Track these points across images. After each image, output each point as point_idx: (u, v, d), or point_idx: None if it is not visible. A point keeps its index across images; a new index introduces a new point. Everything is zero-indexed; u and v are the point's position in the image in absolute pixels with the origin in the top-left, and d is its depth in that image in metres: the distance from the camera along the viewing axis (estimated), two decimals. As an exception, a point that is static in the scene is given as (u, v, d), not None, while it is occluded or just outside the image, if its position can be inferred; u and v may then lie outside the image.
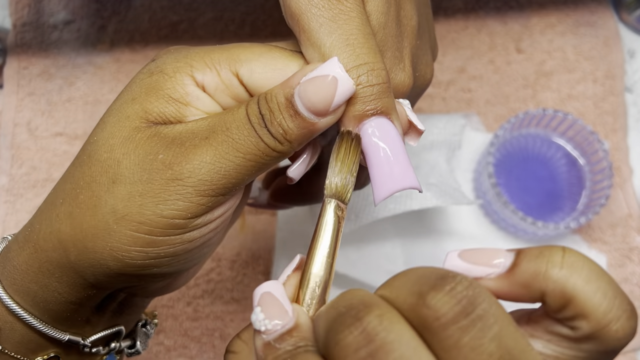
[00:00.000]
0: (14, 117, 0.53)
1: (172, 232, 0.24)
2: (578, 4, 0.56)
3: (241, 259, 0.49)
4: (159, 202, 0.23)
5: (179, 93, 0.25)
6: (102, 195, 0.24)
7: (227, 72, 0.25)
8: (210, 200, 0.24)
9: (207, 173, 0.23)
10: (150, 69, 0.26)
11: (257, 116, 0.24)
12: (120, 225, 0.24)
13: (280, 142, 0.24)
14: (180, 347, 0.47)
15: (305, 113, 0.23)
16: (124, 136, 0.24)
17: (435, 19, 0.55)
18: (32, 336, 0.27)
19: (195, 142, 0.24)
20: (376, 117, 0.24)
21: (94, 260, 0.24)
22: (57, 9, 0.56)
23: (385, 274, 0.45)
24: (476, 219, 0.49)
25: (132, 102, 0.25)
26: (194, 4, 0.56)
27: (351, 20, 0.24)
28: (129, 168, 0.24)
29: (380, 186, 0.24)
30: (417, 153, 0.44)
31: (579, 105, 0.53)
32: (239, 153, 0.23)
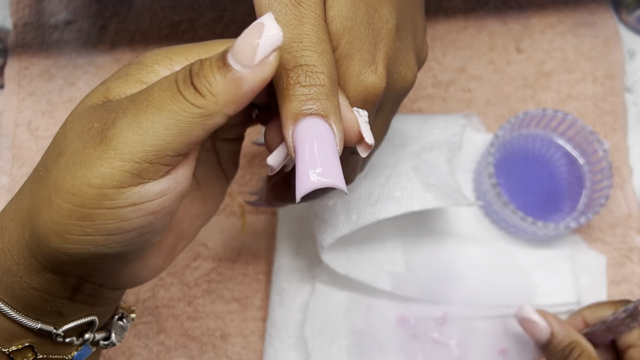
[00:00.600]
0: (15, 117, 0.53)
1: (103, 203, 0.24)
2: (578, 4, 0.56)
3: (242, 259, 0.49)
4: (86, 171, 0.23)
5: (150, 79, 0.25)
6: (51, 167, 0.24)
7: None
8: (134, 166, 0.23)
9: (126, 134, 0.23)
10: (131, 62, 0.26)
11: (184, 73, 0.24)
12: (58, 197, 0.24)
13: (202, 95, 0.23)
14: (180, 346, 0.47)
15: (232, 63, 0.23)
16: (78, 112, 0.25)
17: (435, 19, 0.56)
18: (6, 324, 0.27)
19: (123, 105, 0.24)
20: (312, 117, 0.24)
21: (39, 236, 0.24)
22: (58, 9, 0.56)
23: (385, 274, 0.46)
24: (476, 219, 0.49)
25: (101, 85, 0.26)
26: (195, 4, 0.56)
27: (302, 25, 0.25)
28: (70, 139, 0.24)
29: (301, 181, 0.24)
30: (418, 153, 0.44)
31: (578, 106, 0.53)
32: (155, 109, 0.23)
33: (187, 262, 0.49)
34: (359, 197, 0.41)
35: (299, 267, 0.47)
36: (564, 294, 0.46)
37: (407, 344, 0.45)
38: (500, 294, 0.46)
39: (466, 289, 0.46)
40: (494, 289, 0.46)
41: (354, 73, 0.27)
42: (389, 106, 0.30)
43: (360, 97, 0.27)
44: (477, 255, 0.48)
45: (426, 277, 0.46)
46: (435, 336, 0.46)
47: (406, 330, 0.46)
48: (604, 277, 0.48)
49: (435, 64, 0.54)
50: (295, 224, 0.48)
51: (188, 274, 0.49)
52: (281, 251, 0.47)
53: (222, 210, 0.50)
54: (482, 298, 0.46)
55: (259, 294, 0.48)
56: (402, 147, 0.44)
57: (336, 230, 0.41)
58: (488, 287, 0.46)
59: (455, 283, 0.46)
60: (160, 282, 0.49)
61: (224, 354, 0.47)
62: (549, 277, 0.47)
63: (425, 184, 0.42)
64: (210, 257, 0.49)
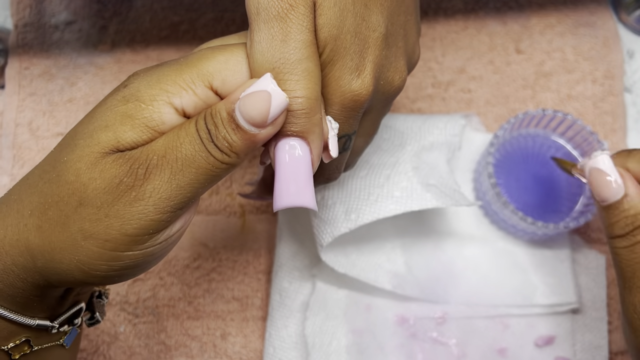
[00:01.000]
0: (16, 118, 0.54)
1: (135, 247, 0.26)
2: (577, 4, 0.56)
3: (242, 259, 0.49)
4: (124, 223, 0.25)
5: (156, 122, 0.26)
6: (71, 215, 0.26)
7: (202, 89, 0.26)
8: (169, 215, 0.26)
9: (165, 191, 0.25)
10: (125, 97, 0.27)
11: (204, 131, 0.26)
12: (88, 242, 0.26)
13: (227, 154, 0.26)
14: (181, 346, 0.47)
15: (245, 126, 0.25)
16: (90, 161, 0.26)
17: (435, 19, 0.56)
18: (3, 324, 0.29)
19: (153, 161, 0.25)
20: (292, 137, 0.27)
21: (60, 270, 0.27)
22: (59, 10, 0.57)
23: (385, 274, 0.46)
24: (476, 219, 0.49)
25: (106, 129, 0.26)
26: (195, 4, 0.56)
27: (285, 44, 0.26)
28: (94, 192, 0.25)
29: (277, 198, 0.27)
30: (418, 154, 0.44)
31: (578, 106, 0.53)
32: (192, 169, 0.26)
33: (187, 262, 0.49)
34: (358, 196, 0.41)
35: (299, 267, 0.47)
36: (564, 293, 0.46)
37: (406, 343, 0.45)
38: (500, 294, 0.46)
39: (465, 288, 0.46)
40: (493, 288, 0.46)
41: (335, 78, 0.28)
42: (378, 108, 0.32)
43: (340, 101, 0.28)
44: (477, 255, 0.48)
45: (426, 277, 0.46)
46: (435, 335, 0.46)
47: (405, 330, 0.46)
48: (604, 277, 0.48)
49: (435, 64, 0.54)
50: (295, 223, 0.48)
51: (188, 273, 0.49)
52: (281, 251, 0.48)
53: (222, 210, 0.51)
54: (481, 298, 0.46)
55: (259, 294, 0.48)
56: (402, 147, 0.44)
57: (335, 229, 0.41)
58: (487, 286, 0.47)
59: (454, 283, 0.47)
60: (160, 282, 0.49)
61: (224, 354, 0.47)
62: (548, 277, 0.47)
63: (424, 184, 0.42)
64: (210, 256, 0.49)
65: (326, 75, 0.28)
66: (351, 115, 0.29)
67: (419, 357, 0.45)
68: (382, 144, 0.44)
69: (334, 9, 0.27)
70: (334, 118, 0.29)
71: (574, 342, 0.46)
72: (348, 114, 0.29)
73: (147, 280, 0.49)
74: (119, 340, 0.48)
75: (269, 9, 0.26)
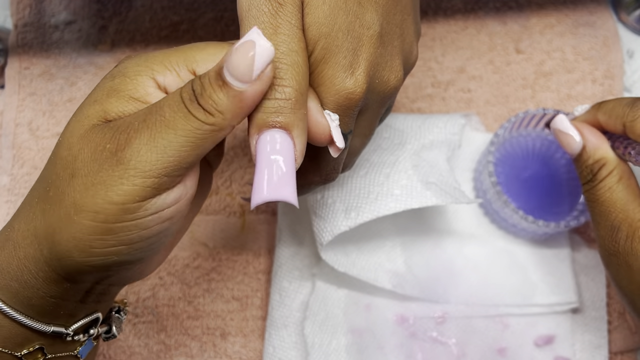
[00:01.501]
0: (15, 117, 0.54)
1: (125, 217, 0.26)
2: (577, 4, 0.56)
3: (242, 259, 0.49)
4: (108, 190, 0.25)
5: (140, 93, 0.27)
6: (65, 189, 0.26)
7: (186, 72, 0.27)
8: (155, 181, 0.25)
9: (145, 154, 0.25)
10: (113, 74, 0.28)
11: (189, 93, 0.25)
12: (80, 216, 0.26)
13: (211, 113, 0.25)
14: (181, 345, 0.47)
15: (231, 81, 0.25)
16: (80, 134, 0.26)
17: (435, 19, 0.56)
18: (19, 330, 0.28)
19: (134, 126, 0.25)
20: (275, 129, 0.26)
21: (61, 252, 0.26)
22: (58, 10, 0.57)
23: (385, 273, 0.46)
24: (476, 218, 0.49)
25: (94, 103, 0.27)
26: (195, 4, 0.56)
27: (276, 35, 0.26)
28: (83, 161, 0.26)
29: (256, 192, 0.26)
30: (417, 152, 0.44)
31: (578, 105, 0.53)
32: (170, 130, 0.25)
33: (187, 262, 0.49)
34: (358, 194, 0.41)
35: (299, 266, 0.47)
36: (563, 293, 0.46)
37: (406, 343, 0.45)
38: (500, 293, 0.46)
39: (466, 287, 0.46)
40: (493, 288, 0.46)
41: (328, 77, 0.28)
42: (373, 108, 0.31)
43: (333, 100, 0.28)
44: (477, 254, 0.48)
45: (426, 276, 0.46)
46: (435, 335, 0.46)
47: (405, 329, 0.46)
48: (604, 277, 0.48)
49: (435, 64, 0.55)
50: (295, 222, 0.48)
51: (188, 273, 0.49)
52: (281, 250, 0.48)
53: (222, 209, 0.51)
54: (481, 297, 0.46)
55: (258, 293, 0.48)
56: (402, 145, 0.44)
57: (335, 227, 0.41)
58: (487, 286, 0.47)
59: (454, 282, 0.47)
60: (160, 282, 0.49)
61: (224, 353, 0.47)
62: (548, 276, 0.47)
63: (424, 182, 0.42)
64: (210, 256, 0.49)
65: (319, 73, 0.28)
66: (346, 114, 0.29)
67: (418, 357, 0.45)
68: (381, 143, 0.44)
69: (323, 7, 0.27)
70: None
71: (574, 342, 0.46)
72: (343, 113, 0.29)
73: (146, 280, 0.49)
74: (118, 340, 0.48)
75: (259, 7, 0.26)
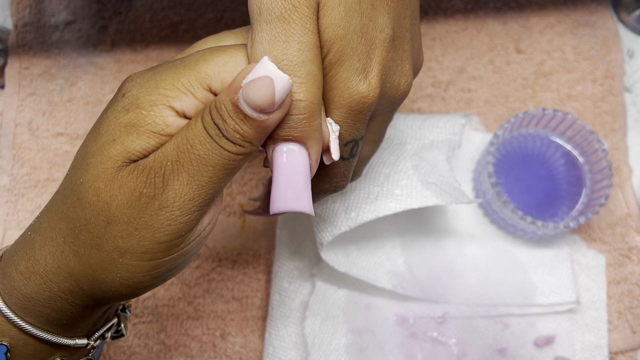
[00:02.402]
0: (15, 117, 0.54)
1: (172, 250, 0.27)
2: (577, 4, 0.56)
3: (242, 259, 0.49)
4: (155, 232, 0.26)
5: (160, 126, 0.26)
6: (102, 235, 0.26)
7: (202, 92, 0.26)
8: (197, 214, 0.26)
9: (187, 194, 0.25)
10: (125, 107, 0.26)
11: (213, 127, 0.25)
12: (125, 258, 0.26)
13: (241, 145, 0.25)
14: (181, 346, 0.47)
15: (253, 114, 0.25)
16: (107, 178, 0.26)
17: (435, 19, 0.56)
18: (43, 347, 0.29)
19: (168, 167, 0.25)
20: (290, 142, 0.26)
21: (106, 289, 0.27)
22: (58, 10, 0.57)
23: (385, 273, 0.46)
24: (475, 218, 0.49)
25: (113, 142, 0.26)
26: (195, 4, 0.56)
27: (288, 44, 0.25)
28: (118, 209, 0.26)
29: (274, 202, 0.27)
30: (417, 152, 0.44)
31: (578, 105, 0.53)
32: (209, 167, 0.25)
33: (187, 262, 0.49)
34: (358, 195, 0.41)
35: (299, 266, 0.47)
36: (563, 293, 0.46)
37: (406, 343, 0.45)
38: (500, 293, 0.46)
39: (465, 288, 0.46)
40: (493, 288, 0.46)
41: (342, 80, 0.27)
42: (383, 114, 0.31)
43: (347, 104, 0.28)
44: (477, 254, 0.48)
45: (426, 276, 0.46)
46: (435, 335, 0.46)
47: (405, 329, 0.46)
48: (604, 277, 0.48)
49: (435, 64, 0.54)
50: (295, 223, 0.48)
51: (188, 273, 0.49)
52: (281, 250, 0.48)
53: (222, 210, 0.51)
54: (481, 297, 0.46)
55: (258, 293, 0.48)
56: (402, 145, 0.44)
57: (335, 227, 0.41)
58: (487, 286, 0.47)
59: (454, 282, 0.47)
60: (160, 282, 0.49)
61: (224, 353, 0.47)
62: (548, 276, 0.47)
63: (424, 182, 0.42)
64: (210, 256, 0.49)
65: (333, 76, 0.27)
66: (358, 119, 0.28)
67: (418, 357, 0.45)
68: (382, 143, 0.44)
69: (339, 8, 0.26)
70: (340, 122, 0.28)
71: (574, 342, 0.46)
72: (355, 118, 0.28)
73: (146, 280, 0.49)
74: (119, 340, 0.48)
75: (272, 9, 0.25)
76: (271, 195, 0.27)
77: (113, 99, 0.27)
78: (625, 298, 0.48)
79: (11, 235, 0.50)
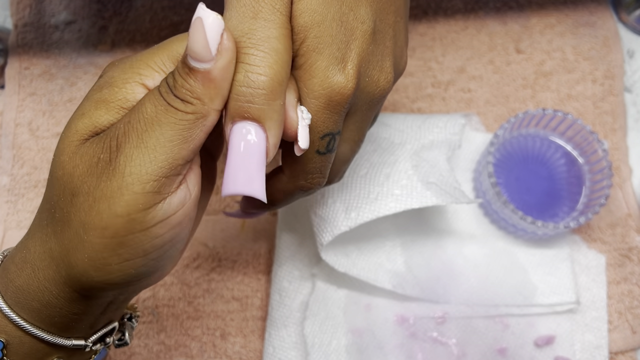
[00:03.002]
0: (15, 117, 0.54)
1: (134, 228, 0.25)
2: (577, 4, 0.56)
3: (242, 259, 0.49)
4: (110, 203, 0.24)
5: (130, 102, 0.26)
6: (69, 209, 0.25)
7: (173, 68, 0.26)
8: (154, 185, 0.24)
9: (137, 157, 0.24)
10: (100, 85, 0.26)
11: (165, 87, 0.25)
12: (89, 235, 0.25)
13: (189, 102, 0.24)
14: (181, 346, 0.47)
15: (195, 64, 0.24)
16: (72, 150, 0.25)
17: (435, 19, 0.56)
18: (40, 346, 0.28)
19: (121, 129, 0.24)
20: (248, 121, 0.25)
21: (79, 273, 0.25)
22: (58, 10, 0.57)
23: (385, 273, 0.46)
24: (476, 218, 0.49)
25: (82, 117, 0.26)
26: (195, 4, 0.56)
27: (255, 20, 0.25)
28: (80, 178, 0.25)
29: (225, 184, 0.25)
30: (417, 152, 0.44)
31: (578, 105, 0.53)
32: (155, 126, 0.24)
33: (187, 262, 0.49)
34: (358, 195, 0.41)
35: (299, 266, 0.47)
36: (564, 293, 0.46)
37: (406, 343, 0.45)
38: (500, 294, 0.46)
39: (465, 288, 0.46)
40: (493, 288, 0.46)
41: (320, 68, 0.27)
42: (362, 111, 0.30)
43: (324, 94, 0.27)
44: (477, 254, 0.48)
45: (426, 276, 0.46)
46: (435, 335, 0.46)
47: (405, 329, 0.46)
48: (604, 277, 0.48)
49: (435, 64, 0.54)
50: (295, 223, 0.48)
51: (188, 273, 0.49)
52: (281, 250, 0.48)
53: (222, 210, 0.51)
54: (481, 297, 0.46)
55: (258, 293, 0.48)
56: (402, 145, 0.44)
57: (335, 227, 0.41)
58: (487, 286, 0.47)
59: (454, 282, 0.47)
60: (160, 282, 0.49)
61: (224, 354, 0.47)
62: (548, 276, 0.47)
63: (424, 182, 0.42)
64: (210, 256, 0.49)
65: (309, 65, 0.27)
66: (335, 111, 0.27)
67: (418, 357, 0.45)
68: (381, 143, 0.44)
69: None
70: (315, 113, 0.27)
71: (574, 342, 0.46)
72: (332, 109, 0.27)
73: (146, 280, 0.49)
74: (118, 340, 0.48)
75: None
76: (223, 177, 0.26)
77: (95, 83, 0.28)
78: (625, 298, 0.48)
79: (11, 235, 0.50)
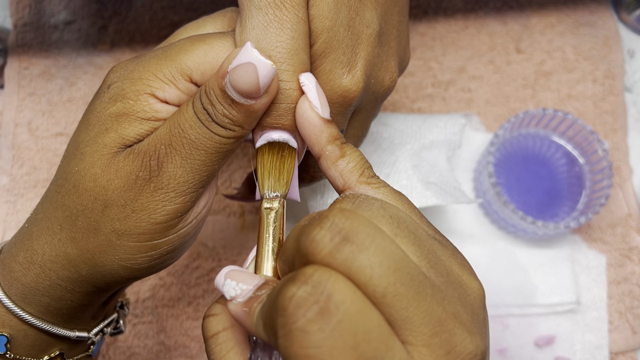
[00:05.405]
0: (15, 117, 0.54)
1: (169, 232, 0.27)
2: (578, 4, 0.56)
3: (242, 259, 0.49)
4: (151, 213, 0.26)
5: (149, 113, 0.27)
6: (99, 219, 0.27)
7: (183, 83, 0.27)
8: (192, 196, 0.27)
9: (181, 176, 0.26)
10: (112, 97, 0.27)
11: (202, 112, 0.26)
12: (123, 240, 0.27)
13: (231, 129, 0.26)
14: (180, 346, 0.47)
15: (240, 99, 0.25)
16: (104, 164, 0.26)
17: (435, 19, 0.56)
18: (44, 338, 0.29)
19: (161, 151, 0.26)
20: (279, 130, 0.27)
21: (105, 272, 0.27)
22: (58, 9, 0.57)
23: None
24: (476, 218, 0.49)
25: (107, 131, 0.27)
26: (195, 4, 0.56)
27: (282, 31, 0.25)
28: (115, 192, 0.26)
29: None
30: (417, 152, 0.44)
31: (578, 105, 0.53)
32: (200, 150, 0.26)
33: (187, 262, 0.49)
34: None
35: (299, 267, 0.47)
36: (564, 293, 0.46)
37: (406, 344, 0.45)
38: (500, 294, 0.46)
39: (466, 288, 0.46)
40: (493, 288, 0.46)
41: (326, 72, 0.27)
42: (367, 109, 0.31)
43: (329, 96, 0.28)
44: (477, 254, 0.48)
45: (426, 277, 0.46)
46: (435, 336, 0.45)
47: (406, 330, 0.46)
48: (604, 277, 0.48)
49: (435, 64, 0.54)
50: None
51: (188, 273, 0.49)
52: (281, 251, 0.47)
53: (222, 209, 0.50)
54: (481, 297, 0.46)
55: (258, 294, 0.48)
56: (402, 145, 0.44)
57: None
58: (488, 286, 0.46)
59: (455, 282, 0.46)
60: (160, 282, 0.49)
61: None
62: (548, 276, 0.47)
63: (424, 182, 0.42)
64: (210, 256, 0.49)
65: (317, 68, 0.27)
66: (340, 112, 0.29)
67: (419, 357, 0.45)
68: (381, 143, 0.44)
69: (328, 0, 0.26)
70: None
71: (574, 342, 0.46)
72: (337, 110, 0.28)
73: (146, 280, 0.49)
74: (118, 341, 0.47)
75: None
76: (257, 183, 0.27)
77: (99, 91, 0.28)
78: (625, 298, 0.48)
79: (11, 235, 0.50)
